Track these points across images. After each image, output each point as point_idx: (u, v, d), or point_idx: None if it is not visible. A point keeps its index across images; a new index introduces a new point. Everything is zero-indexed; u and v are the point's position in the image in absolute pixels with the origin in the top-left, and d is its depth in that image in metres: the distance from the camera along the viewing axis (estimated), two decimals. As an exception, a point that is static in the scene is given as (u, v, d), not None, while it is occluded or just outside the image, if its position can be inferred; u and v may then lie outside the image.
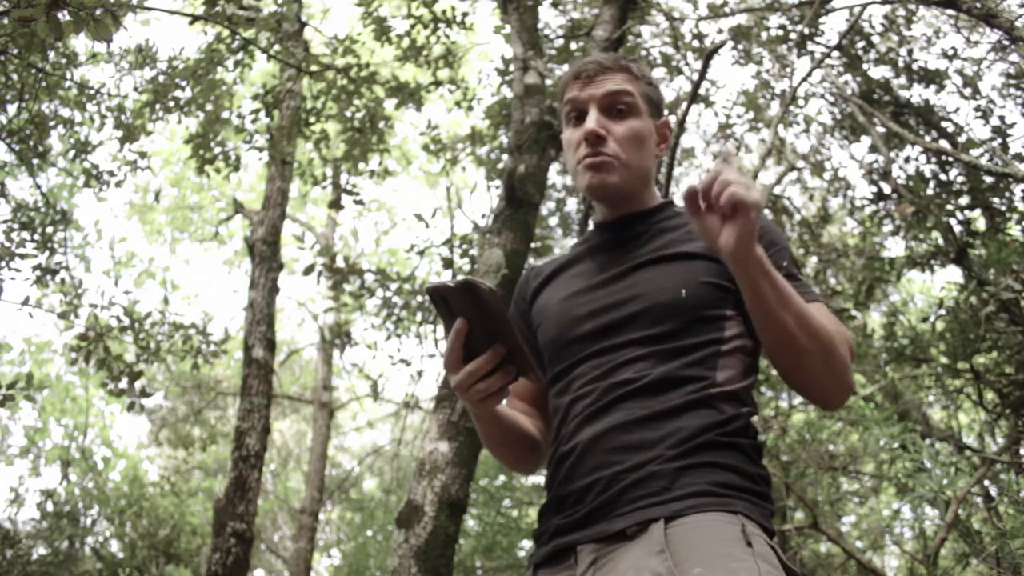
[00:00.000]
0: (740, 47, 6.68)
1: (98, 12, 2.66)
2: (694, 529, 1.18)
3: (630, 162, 1.50)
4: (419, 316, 6.48)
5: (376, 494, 11.49)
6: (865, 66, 6.17)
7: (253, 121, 6.15)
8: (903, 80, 6.12)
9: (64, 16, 2.66)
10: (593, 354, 1.40)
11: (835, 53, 5.94)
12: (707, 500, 1.22)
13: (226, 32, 5.44)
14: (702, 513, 1.20)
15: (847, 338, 1.38)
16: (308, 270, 6.27)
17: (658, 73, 7.08)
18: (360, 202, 6.51)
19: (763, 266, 1.24)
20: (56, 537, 8.03)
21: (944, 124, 5.90)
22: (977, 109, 5.64)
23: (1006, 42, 5.17)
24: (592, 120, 1.50)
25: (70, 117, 5.75)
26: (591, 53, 4.90)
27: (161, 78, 5.65)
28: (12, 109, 5.00)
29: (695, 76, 5.73)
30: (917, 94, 6.07)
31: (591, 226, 1.68)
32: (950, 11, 5.09)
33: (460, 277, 1.22)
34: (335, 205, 6.67)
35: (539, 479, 8.29)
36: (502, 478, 8.16)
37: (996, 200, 5.09)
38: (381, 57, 7.08)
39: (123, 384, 5.41)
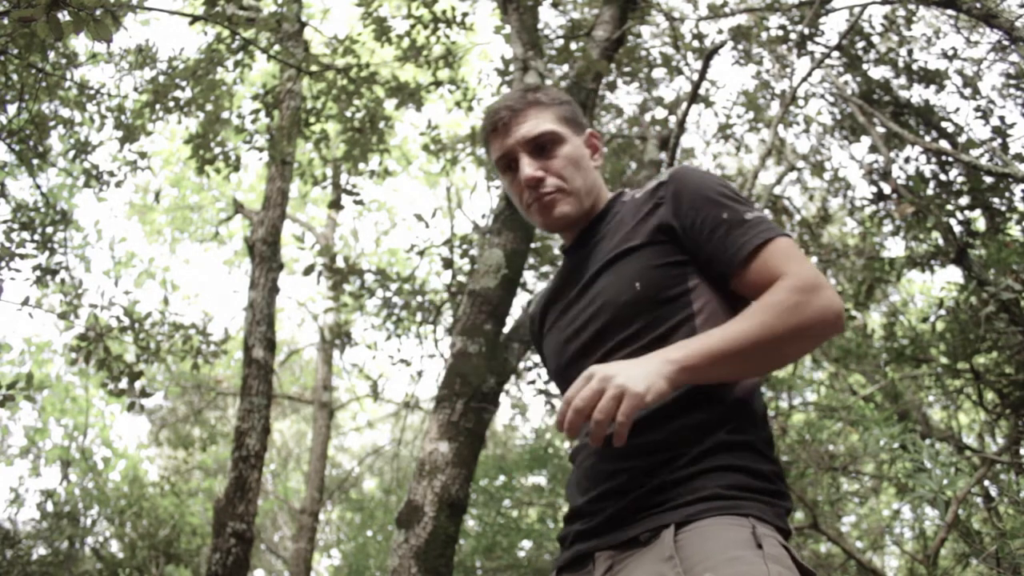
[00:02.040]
0: (740, 47, 6.68)
1: (98, 12, 2.66)
2: (703, 534, 1.18)
3: (574, 186, 1.54)
4: (419, 316, 6.48)
5: (376, 494, 11.49)
6: (865, 66, 6.17)
7: (253, 121, 6.15)
8: (903, 80, 6.12)
9: (64, 16, 2.66)
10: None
11: (835, 53, 5.94)
12: (718, 504, 1.22)
13: (226, 32, 5.44)
14: (712, 517, 1.20)
15: (803, 279, 1.31)
16: (308, 270, 6.27)
17: (658, 73, 7.09)
18: (360, 202, 6.50)
19: (692, 364, 1.24)
20: (56, 537, 8.03)
21: (944, 124, 5.89)
22: (977, 109, 5.64)
23: (1006, 42, 5.17)
24: (526, 166, 1.53)
25: (70, 117, 5.75)
26: (590, 53, 4.91)
27: (161, 78, 5.65)
28: (12, 109, 5.01)
29: (695, 76, 5.73)
30: (917, 94, 6.07)
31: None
32: (950, 11, 5.09)
33: None
34: (335, 205, 6.67)
35: (540, 479, 8.30)
36: (502, 478, 8.17)
37: (996, 200, 5.09)
38: (381, 57, 7.07)
39: (123, 384, 5.41)
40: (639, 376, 1.20)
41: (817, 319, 1.28)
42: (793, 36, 6.14)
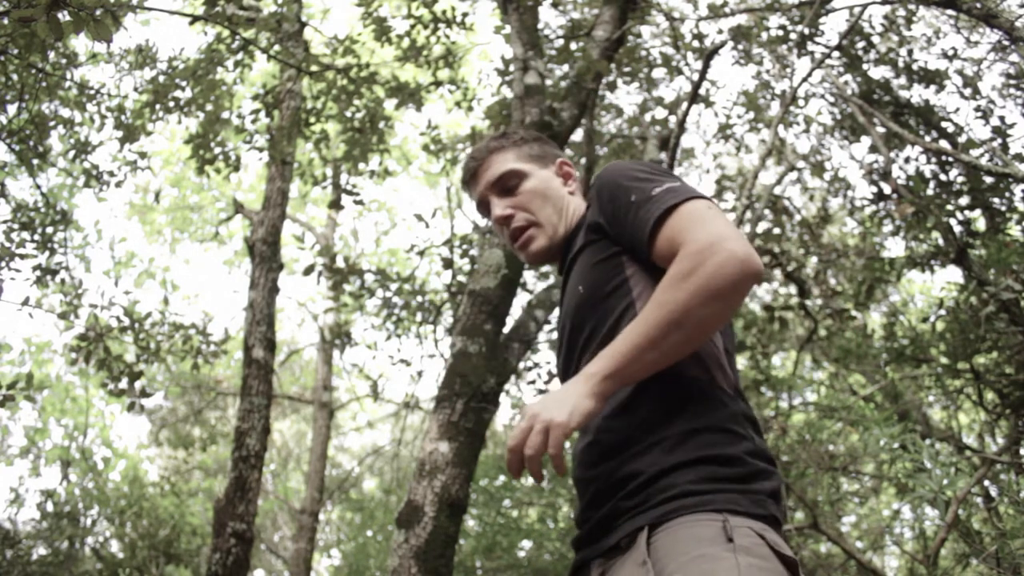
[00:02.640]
0: (740, 47, 6.68)
1: (98, 12, 2.66)
2: (674, 535, 1.19)
3: (543, 217, 1.62)
4: (419, 316, 6.48)
5: (376, 494, 11.49)
6: (865, 66, 6.17)
7: (253, 121, 6.15)
8: (903, 80, 6.12)
9: (64, 16, 2.66)
10: None
11: (835, 53, 5.94)
12: (688, 501, 1.21)
13: (226, 32, 5.44)
14: (683, 516, 1.20)
15: (698, 242, 1.27)
16: (308, 270, 6.27)
17: (658, 73, 7.09)
18: (360, 202, 6.50)
19: (611, 370, 1.27)
20: (56, 537, 8.03)
21: (944, 124, 5.89)
22: (977, 109, 5.64)
23: (1006, 42, 5.17)
24: (495, 207, 1.63)
25: (70, 117, 5.75)
26: (590, 53, 4.91)
27: (161, 78, 5.65)
28: (12, 109, 5.01)
29: (695, 76, 5.73)
30: (917, 94, 6.07)
31: None
32: (950, 11, 5.09)
33: None
34: (335, 205, 6.67)
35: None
36: (502, 478, 8.17)
37: (996, 200, 5.09)
38: (381, 57, 7.07)
39: (123, 384, 5.40)
40: (559, 404, 1.25)
41: (716, 277, 1.23)
42: (793, 36, 6.13)
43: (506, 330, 4.26)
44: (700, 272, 1.24)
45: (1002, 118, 5.48)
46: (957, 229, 5.06)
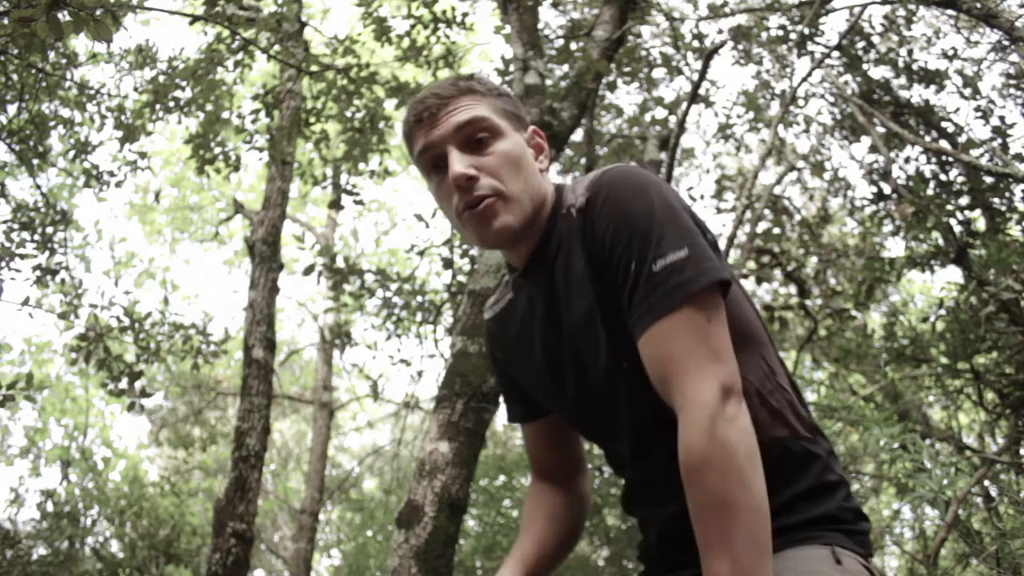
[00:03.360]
0: (740, 47, 6.68)
1: (98, 12, 2.66)
2: (782, 556, 1.14)
3: (515, 191, 1.26)
4: (419, 316, 6.48)
5: (376, 494, 11.49)
6: (865, 66, 6.17)
7: (253, 121, 6.15)
8: (903, 80, 6.12)
9: (64, 16, 2.65)
10: None
11: (835, 53, 5.94)
12: (797, 535, 1.18)
13: (226, 32, 5.43)
14: (792, 548, 1.17)
15: (695, 426, 1.06)
16: (308, 270, 6.27)
17: (658, 73, 7.09)
18: (360, 202, 6.50)
19: None
20: (56, 537, 8.03)
21: (944, 124, 5.89)
22: (977, 109, 5.64)
23: (1006, 42, 5.17)
24: (456, 162, 1.25)
25: (70, 117, 5.74)
26: (590, 53, 4.90)
27: (161, 78, 5.65)
28: (12, 109, 5.00)
29: (695, 76, 5.73)
30: (917, 94, 6.07)
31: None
32: (950, 11, 5.09)
33: None
34: (335, 205, 6.67)
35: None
36: (502, 478, 8.17)
37: (996, 200, 5.09)
38: (381, 57, 7.07)
39: (123, 384, 5.40)
40: None
41: (731, 471, 1.05)
42: (793, 36, 6.13)
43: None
44: (715, 479, 1.05)
45: (1002, 118, 5.47)
46: (957, 229, 5.05)
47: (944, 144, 5.68)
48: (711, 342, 1.10)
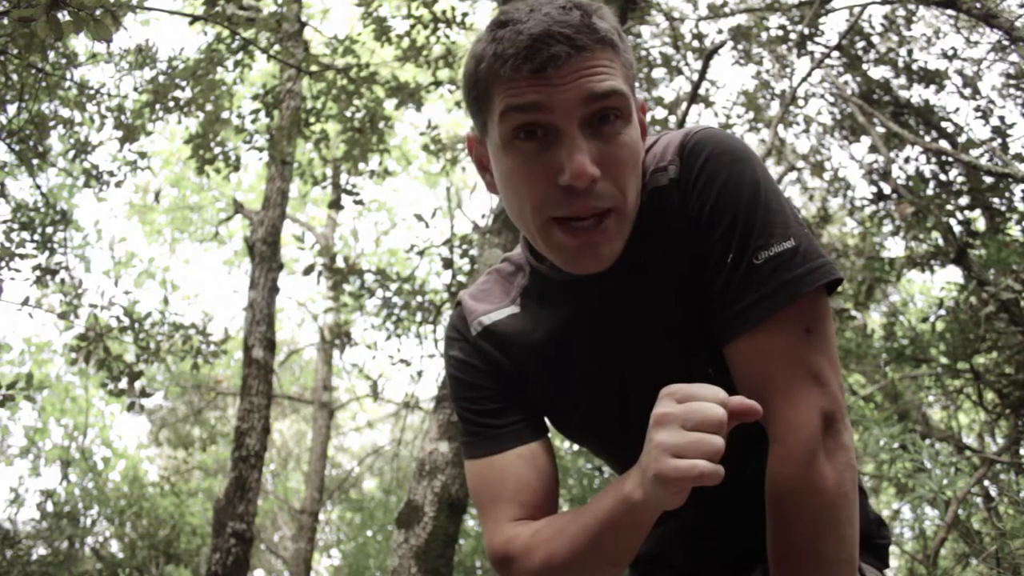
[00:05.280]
0: (740, 47, 6.68)
1: (98, 12, 2.65)
2: None
3: (631, 203, 0.98)
4: (419, 316, 6.48)
5: (376, 494, 11.48)
6: (865, 66, 6.17)
7: (253, 121, 6.15)
8: (903, 80, 6.12)
9: (64, 16, 2.65)
10: None
11: (835, 53, 5.94)
12: None
13: (226, 32, 5.43)
14: None
15: (802, 442, 0.93)
16: (308, 270, 6.27)
17: (658, 73, 7.09)
18: (360, 202, 6.50)
19: None
20: (56, 537, 8.03)
21: (944, 124, 5.89)
22: (977, 109, 5.64)
23: (1006, 42, 5.17)
24: (580, 152, 0.92)
25: (70, 117, 5.74)
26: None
27: (161, 78, 5.65)
28: (12, 109, 5.00)
29: (695, 76, 5.74)
30: (917, 94, 6.07)
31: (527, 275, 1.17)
32: (950, 11, 5.09)
33: None
34: (335, 205, 6.67)
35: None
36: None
37: (996, 200, 5.08)
38: (381, 57, 7.07)
39: (123, 384, 5.40)
40: None
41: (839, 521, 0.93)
42: (793, 36, 6.13)
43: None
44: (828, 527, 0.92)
45: (1002, 118, 5.47)
46: (957, 229, 5.06)
47: (944, 144, 5.68)
48: (813, 359, 0.94)
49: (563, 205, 0.94)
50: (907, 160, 5.94)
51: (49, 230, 5.80)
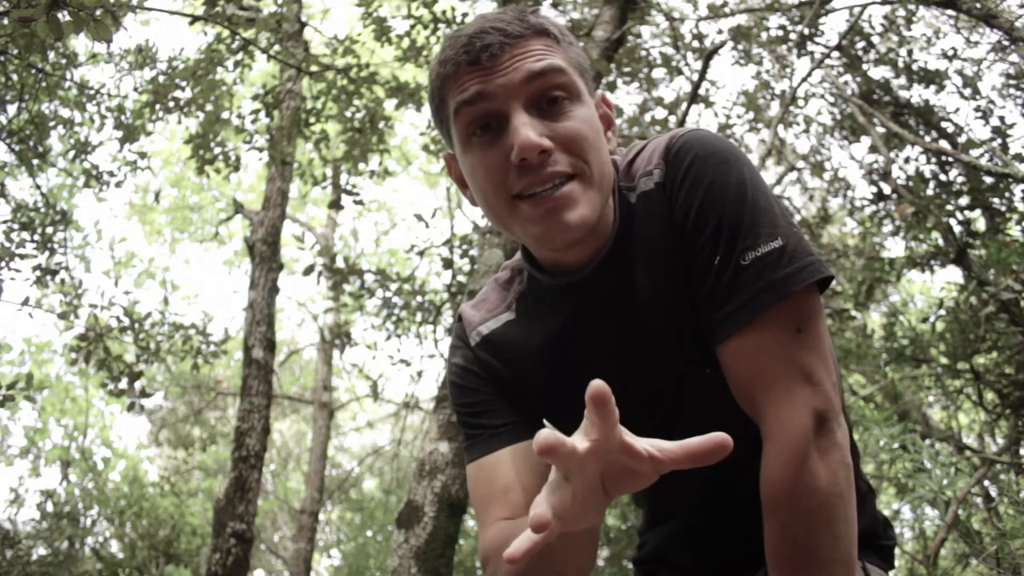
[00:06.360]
0: (740, 47, 6.68)
1: (98, 12, 2.65)
2: None
3: (594, 169, 0.98)
4: (419, 316, 6.48)
5: (376, 494, 11.49)
6: (865, 66, 6.17)
7: (253, 121, 6.15)
8: (903, 80, 6.12)
9: (64, 16, 2.65)
10: None
11: (835, 53, 5.94)
12: None
13: (226, 32, 5.43)
14: None
15: (788, 459, 0.92)
16: (308, 270, 6.27)
17: (658, 73, 7.09)
18: (360, 202, 6.50)
19: None
20: (56, 537, 8.03)
21: (944, 124, 5.89)
22: (977, 109, 5.64)
23: (1006, 42, 5.17)
24: (526, 126, 0.94)
25: (70, 117, 5.74)
26: (590, 53, 4.90)
27: (161, 78, 5.65)
28: (12, 109, 5.00)
29: (695, 76, 5.74)
30: (917, 94, 6.07)
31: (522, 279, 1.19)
32: (950, 11, 5.09)
33: None
34: (335, 205, 6.67)
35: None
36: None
37: (996, 200, 5.09)
38: (381, 57, 7.07)
39: (123, 384, 5.40)
40: None
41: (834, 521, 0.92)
42: (793, 36, 6.14)
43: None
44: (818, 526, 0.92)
45: (1002, 118, 5.48)
46: (957, 229, 5.06)
47: (944, 144, 5.68)
48: (804, 358, 0.93)
49: (522, 180, 0.96)
50: (907, 160, 5.94)
51: (49, 230, 5.80)
